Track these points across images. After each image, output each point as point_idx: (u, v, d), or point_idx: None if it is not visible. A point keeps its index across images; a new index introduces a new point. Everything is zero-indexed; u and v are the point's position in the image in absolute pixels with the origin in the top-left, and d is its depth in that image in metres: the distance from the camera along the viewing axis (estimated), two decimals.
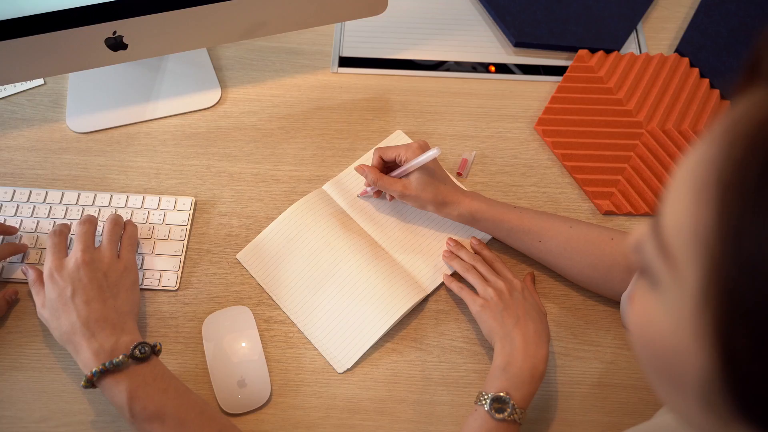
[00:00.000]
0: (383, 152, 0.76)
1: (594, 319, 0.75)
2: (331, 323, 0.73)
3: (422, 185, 0.73)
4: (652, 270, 0.29)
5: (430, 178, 0.74)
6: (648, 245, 0.29)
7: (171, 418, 0.60)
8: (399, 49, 0.95)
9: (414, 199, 0.74)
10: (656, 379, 0.31)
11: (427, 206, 0.75)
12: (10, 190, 0.79)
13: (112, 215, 0.73)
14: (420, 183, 0.73)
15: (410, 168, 0.73)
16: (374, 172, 0.75)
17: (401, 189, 0.74)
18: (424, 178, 0.73)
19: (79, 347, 0.62)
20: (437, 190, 0.74)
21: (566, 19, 0.97)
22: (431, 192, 0.73)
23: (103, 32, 0.75)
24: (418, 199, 0.74)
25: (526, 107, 0.91)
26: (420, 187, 0.73)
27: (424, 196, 0.74)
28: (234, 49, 0.93)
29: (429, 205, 0.74)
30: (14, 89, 0.89)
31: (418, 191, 0.73)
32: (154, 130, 0.86)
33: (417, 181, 0.73)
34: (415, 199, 0.74)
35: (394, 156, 0.75)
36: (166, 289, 0.75)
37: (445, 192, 0.74)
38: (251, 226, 0.79)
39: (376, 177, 0.75)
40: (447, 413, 0.70)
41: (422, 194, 0.74)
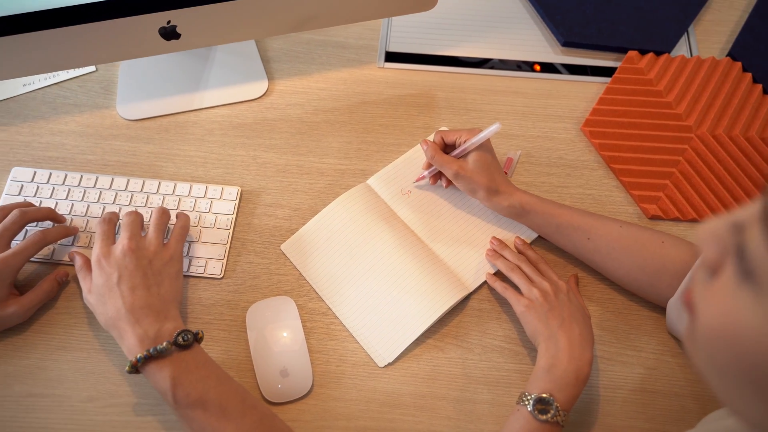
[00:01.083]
0: (445, 134, 0.76)
1: (638, 324, 0.75)
2: (373, 317, 0.73)
3: (478, 168, 0.73)
4: (751, 263, 0.28)
5: (487, 163, 0.74)
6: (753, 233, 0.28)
7: (213, 404, 0.61)
8: (444, 45, 0.95)
9: (467, 181, 0.74)
10: (732, 383, 0.30)
11: (478, 191, 0.74)
12: (62, 174, 0.80)
13: (160, 207, 0.74)
14: (476, 165, 0.73)
15: (470, 146, 0.74)
16: (434, 147, 0.76)
17: (457, 168, 0.74)
18: (481, 161, 0.74)
19: (123, 333, 0.63)
20: (492, 176, 0.74)
21: (616, 19, 0.96)
22: (486, 176, 0.73)
23: (158, 21, 0.76)
24: (472, 181, 0.74)
25: (573, 107, 0.90)
26: (476, 170, 0.73)
27: (478, 180, 0.73)
28: (282, 41, 0.94)
29: (481, 190, 0.74)
30: (67, 75, 0.90)
31: (473, 173, 0.73)
32: (202, 120, 0.87)
33: (474, 164, 0.74)
34: (468, 181, 0.74)
35: (455, 138, 0.75)
36: (211, 277, 0.76)
37: (498, 181, 0.74)
38: (295, 218, 0.80)
39: (434, 152, 0.75)
40: (487, 412, 0.70)
41: (476, 177, 0.73)
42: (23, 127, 0.85)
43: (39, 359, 0.71)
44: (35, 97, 0.88)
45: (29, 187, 0.80)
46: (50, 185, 0.80)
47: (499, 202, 0.74)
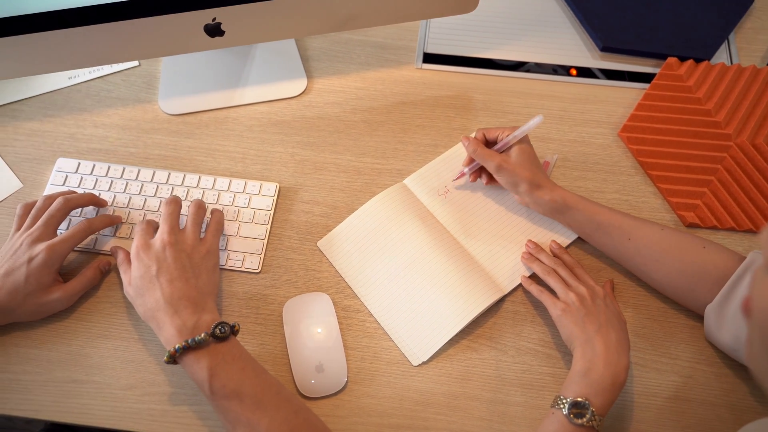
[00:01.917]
0: (486, 131, 0.77)
1: (673, 331, 0.74)
2: (407, 316, 0.73)
3: (521, 161, 0.74)
4: None
5: (529, 157, 0.75)
6: None
7: (249, 396, 0.62)
8: (481, 47, 0.95)
9: (510, 174, 0.74)
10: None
11: (520, 185, 0.74)
12: (105, 166, 0.82)
13: (197, 200, 0.75)
14: (519, 158, 0.74)
15: (512, 140, 0.74)
16: (476, 141, 0.76)
17: (499, 161, 0.74)
18: (523, 155, 0.74)
19: (162, 323, 0.64)
20: (534, 171, 0.74)
21: (655, 25, 0.95)
22: (528, 170, 0.74)
23: (204, 18, 0.77)
24: (515, 174, 0.74)
25: (610, 113, 0.90)
26: (518, 163, 0.74)
27: (521, 172, 0.74)
28: (321, 40, 0.95)
29: (523, 183, 0.74)
30: (110, 69, 0.92)
31: (515, 166, 0.74)
32: (241, 116, 0.88)
33: (516, 157, 0.74)
34: (511, 173, 0.74)
35: (497, 134, 0.76)
36: (249, 271, 0.77)
37: (540, 175, 0.75)
38: (332, 215, 0.81)
39: (476, 146, 0.76)
40: (520, 414, 0.70)
41: (519, 169, 0.74)
42: (68, 119, 0.87)
43: (80, 346, 0.72)
44: (80, 89, 0.90)
45: (73, 177, 0.81)
46: (93, 176, 0.81)
47: (540, 196, 0.74)
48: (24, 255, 0.69)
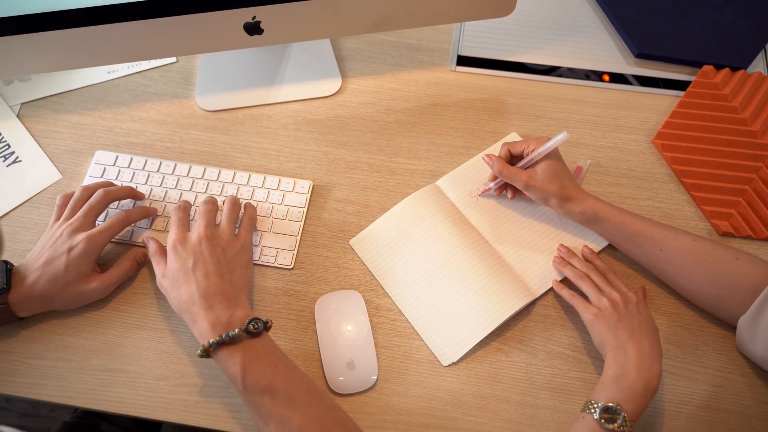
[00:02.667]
0: (512, 146, 0.77)
1: (705, 340, 0.74)
2: (438, 316, 0.74)
3: (548, 176, 0.74)
4: None
5: (556, 171, 0.74)
6: None
7: (281, 392, 0.62)
8: (515, 51, 0.95)
9: (538, 191, 0.74)
10: None
11: (550, 200, 0.75)
12: (142, 160, 0.83)
13: (231, 196, 0.76)
14: (546, 174, 0.74)
15: (537, 156, 0.74)
16: (500, 161, 0.76)
17: (526, 179, 0.74)
18: (550, 169, 0.74)
19: (196, 317, 0.65)
20: (562, 184, 0.74)
21: (691, 32, 0.95)
22: (557, 184, 0.74)
23: (244, 16, 0.78)
24: (543, 190, 0.74)
25: (644, 120, 0.89)
26: (546, 178, 0.74)
27: (549, 188, 0.74)
28: (355, 41, 0.96)
29: (552, 198, 0.74)
30: (148, 64, 0.93)
31: (543, 182, 0.74)
32: (276, 114, 0.89)
33: (543, 172, 0.74)
34: (539, 190, 0.74)
35: (522, 149, 0.76)
36: (282, 267, 0.78)
37: (569, 187, 0.74)
38: (365, 214, 0.81)
39: (501, 166, 0.76)
40: (549, 418, 0.70)
41: (547, 186, 0.74)
42: (106, 112, 0.89)
43: (116, 336, 0.73)
44: (118, 84, 0.92)
45: (111, 170, 0.83)
46: (131, 170, 0.83)
47: (571, 209, 0.74)
48: (64, 244, 0.70)
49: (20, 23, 0.74)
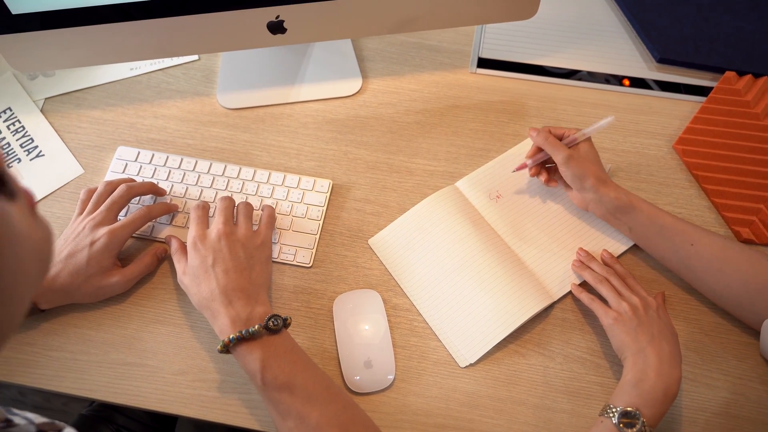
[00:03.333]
0: (552, 128, 0.78)
1: (725, 347, 0.73)
2: (456, 318, 0.74)
3: (590, 156, 0.75)
4: None
5: (596, 156, 0.76)
6: None
7: (299, 389, 0.62)
8: (535, 54, 0.95)
9: (579, 166, 0.74)
10: None
11: (588, 178, 0.74)
12: (163, 156, 0.84)
13: (244, 201, 0.76)
14: (588, 154, 0.75)
15: (582, 137, 0.75)
16: (545, 132, 0.77)
17: (569, 152, 0.75)
18: (592, 152, 0.76)
19: (216, 313, 0.65)
20: (601, 168, 0.75)
21: (714, 38, 0.94)
22: (597, 165, 0.75)
23: (268, 15, 0.79)
24: (583, 167, 0.74)
25: (665, 125, 0.89)
26: (587, 157, 0.75)
27: (590, 166, 0.74)
28: (376, 41, 0.96)
29: (591, 177, 0.74)
30: (171, 62, 0.94)
31: (584, 160, 0.74)
32: (297, 113, 0.90)
33: (585, 152, 0.75)
34: (580, 166, 0.74)
35: (563, 132, 0.77)
36: (300, 265, 0.78)
37: (605, 174, 0.76)
38: (383, 214, 0.81)
39: (546, 135, 0.76)
40: (566, 422, 0.70)
41: (588, 164, 0.74)
42: (129, 108, 0.90)
43: (135, 330, 0.74)
44: (140, 81, 0.92)
45: (132, 166, 0.83)
46: (152, 166, 0.83)
47: (606, 192, 0.74)
48: (86, 238, 0.71)
49: (44, 19, 0.75)
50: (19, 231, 0.34)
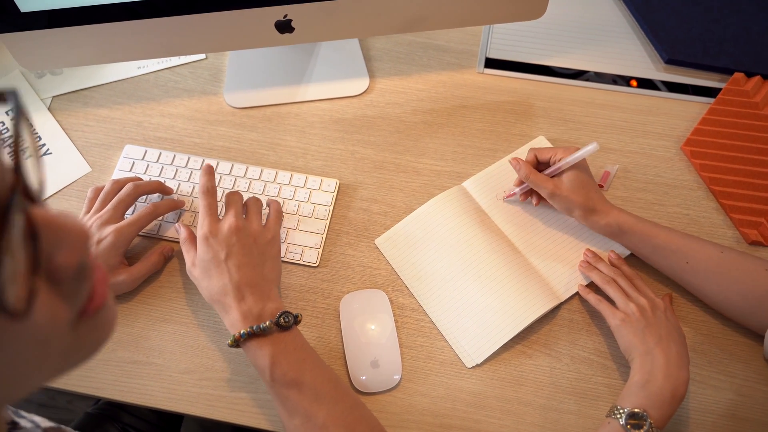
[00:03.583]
0: (539, 152, 0.77)
1: (732, 349, 0.73)
2: (463, 318, 0.74)
3: (574, 187, 0.73)
4: None
5: (582, 182, 0.74)
6: None
7: (308, 387, 0.62)
8: (542, 54, 0.95)
9: (563, 201, 0.74)
10: None
11: (574, 210, 0.74)
12: (170, 155, 0.84)
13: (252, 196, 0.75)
14: (572, 184, 0.73)
15: (565, 165, 0.74)
16: (527, 166, 0.76)
17: (552, 188, 0.74)
18: (576, 180, 0.73)
19: (228, 308, 0.65)
20: (588, 195, 0.74)
21: (723, 39, 0.94)
22: (582, 195, 0.73)
23: (275, 14, 0.79)
24: (568, 200, 0.74)
25: (673, 126, 0.89)
26: (571, 189, 0.73)
27: (574, 198, 0.73)
28: (384, 41, 0.96)
29: (577, 209, 0.74)
30: (178, 61, 0.94)
31: (569, 192, 0.73)
32: (304, 112, 0.90)
33: (569, 182, 0.74)
34: (564, 200, 0.74)
35: (549, 156, 0.76)
36: (307, 265, 0.78)
37: (595, 199, 0.74)
38: (390, 214, 0.81)
39: (528, 171, 0.75)
40: (573, 422, 0.69)
41: (572, 196, 0.73)
42: (136, 107, 0.90)
43: (142, 329, 0.74)
44: (148, 79, 0.93)
45: (140, 164, 0.84)
46: (159, 164, 0.83)
47: (596, 221, 0.74)
48: (93, 237, 0.71)
49: (52, 17, 0.75)
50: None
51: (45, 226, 0.28)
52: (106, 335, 0.34)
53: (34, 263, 0.27)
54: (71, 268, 0.29)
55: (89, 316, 0.32)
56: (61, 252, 0.29)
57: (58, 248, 0.29)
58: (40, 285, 0.28)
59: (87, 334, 0.32)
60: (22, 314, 0.26)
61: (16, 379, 0.30)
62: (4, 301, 0.25)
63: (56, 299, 0.29)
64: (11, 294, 0.25)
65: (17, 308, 0.26)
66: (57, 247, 0.29)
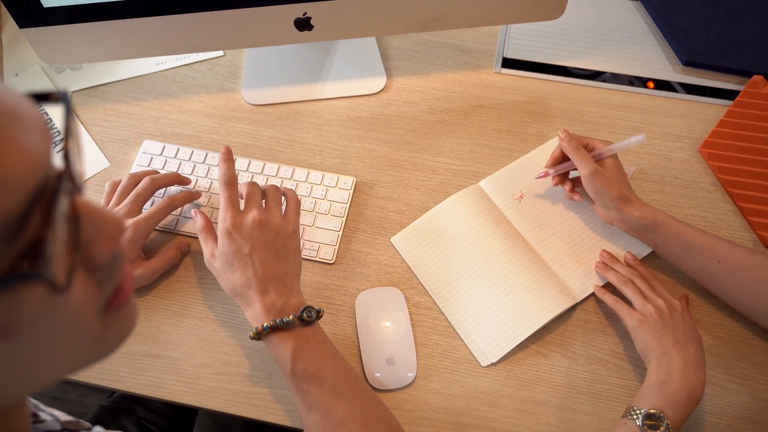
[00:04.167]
0: (578, 137, 0.77)
1: (749, 353, 0.73)
2: (478, 317, 0.74)
3: (615, 173, 0.73)
4: None
5: (622, 173, 0.74)
6: None
7: (328, 382, 0.62)
8: (560, 55, 0.95)
9: (603, 183, 0.73)
10: None
11: (612, 197, 0.73)
12: (188, 150, 0.85)
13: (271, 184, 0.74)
14: (614, 170, 0.73)
15: (608, 152, 0.74)
16: (577, 138, 0.75)
17: (595, 167, 0.73)
18: (617, 169, 0.74)
19: (252, 301, 0.65)
20: (626, 186, 0.74)
21: (742, 41, 0.94)
22: (620, 185, 0.73)
23: (295, 12, 0.79)
24: (608, 184, 0.73)
25: (691, 128, 0.88)
26: (612, 175, 0.73)
27: (614, 185, 0.73)
28: (401, 40, 0.96)
29: (615, 195, 0.72)
30: (196, 57, 0.95)
31: (610, 178, 0.73)
32: (321, 110, 0.90)
33: (611, 168, 0.74)
34: (604, 183, 0.73)
35: (588, 143, 0.76)
36: (323, 262, 0.78)
37: (630, 192, 0.74)
38: (406, 212, 0.82)
39: (577, 144, 0.75)
40: (588, 423, 0.69)
41: (613, 182, 0.73)
42: (154, 103, 0.90)
43: (159, 322, 0.74)
44: (166, 76, 0.93)
45: (158, 159, 0.84)
46: (177, 160, 0.84)
47: (630, 212, 0.73)
48: None
49: (73, 13, 0.76)
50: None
51: (86, 212, 0.31)
52: (128, 330, 0.36)
53: (74, 243, 0.29)
54: (106, 256, 0.31)
55: (115, 309, 0.34)
56: (99, 240, 0.31)
57: (97, 235, 0.31)
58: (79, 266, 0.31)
59: (112, 326, 0.34)
60: (62, 288, 0.28)
61: (46, 360, 0.32)
62: (48, 273, 0.27)
63: (89, 285, 0.32)
64: (55, 267, 0.27)
65: (59, 281, 0.27)
66: (95, 234, 0.31)
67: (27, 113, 0.28)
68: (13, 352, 0.29)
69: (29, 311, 0.28)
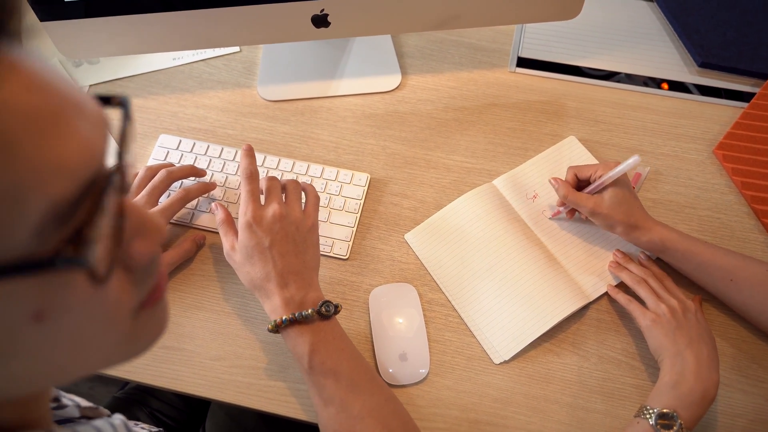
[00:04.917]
0: (578, 170, 0.76)
1: (760, 355, 0.73)
2: (491, 314, 0.74)
3: (615, 204, 0.73)
4: None
5: (624, 198, 0.73)
6: None
7: (345, 377, 0.62)
8: (575, 55, 0.95)
9: (604, 218, 0.73)
10: None
11: (616, 227, 0.73)
12: (204, 145, 0.85)
13: (291, 179, 0.75)
14: (613, 201, 0.73)
15: (606, 181, 0.73)
16: (566, 186, 0.76)
17: (592, 206, 0.73)
18: (617, 196, 0.73)
19: (271, 294, 0.65)
20: (630, 212, 0.73)
21: (758, 43, 0.94)
22: (623, 212, 0.72)
23: (312, 9, 0.80)
24: (609, 218, 0.73)
25: (706, 130, 0.88)
26: (612, 206, 0.73)
27: (616, 216, 0.73)
28: (416, 38, 0.97)
29: (619, 226, 0.73)
30: (213, 53, 0.95)
31: (609, 209, 0.73)
32: (336, 107, 0.90)
33: (610, 199, 0.73)
34: (605, 218, 0.73)
35: (590, 174, 0.75)
36: (337, 257, 0.79)
37: (637, 215, 0.73)
38: (420, 209, 0.82)
39: (567, 191, 0.75)
40: (600, 422, 0.69)
41: (614, 213, 0.73)
42: (171, 97, 0.91)
43: (174, 315, 0.75)
44: (183, 71, 0.94)
45: (174, 153, 0.85)
46: (193, 154, 0.85)
47: (638, 237, 0.73)
48: None
49: (92, 7, 0.76)
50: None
51: (131, 212, 0.32)
52: (160, 330, 0.37)
53: (118, 238, 0.30)
54: (146, 257, 0.33)
55: (148, 307, 0.35)
56: (140, 241, 0.32)
57: (139, 236, 0.32)
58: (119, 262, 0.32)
59: (144, 326, 0.35)
60: (101, 279, 0.29)
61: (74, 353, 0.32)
62: (90, 261, 0.27)
63: (126, 284, 0.33)
64: (97, 256, 0.28)
65: (100, 272, 0.28)
66: (137, 235, 0.32)
67: (91, 108, 0.29)
68: (43, 339, 0.29)
69: (66, 298, 0.29)
